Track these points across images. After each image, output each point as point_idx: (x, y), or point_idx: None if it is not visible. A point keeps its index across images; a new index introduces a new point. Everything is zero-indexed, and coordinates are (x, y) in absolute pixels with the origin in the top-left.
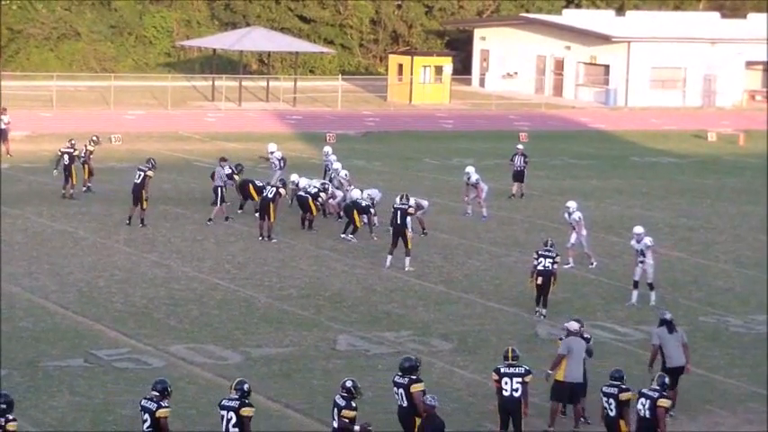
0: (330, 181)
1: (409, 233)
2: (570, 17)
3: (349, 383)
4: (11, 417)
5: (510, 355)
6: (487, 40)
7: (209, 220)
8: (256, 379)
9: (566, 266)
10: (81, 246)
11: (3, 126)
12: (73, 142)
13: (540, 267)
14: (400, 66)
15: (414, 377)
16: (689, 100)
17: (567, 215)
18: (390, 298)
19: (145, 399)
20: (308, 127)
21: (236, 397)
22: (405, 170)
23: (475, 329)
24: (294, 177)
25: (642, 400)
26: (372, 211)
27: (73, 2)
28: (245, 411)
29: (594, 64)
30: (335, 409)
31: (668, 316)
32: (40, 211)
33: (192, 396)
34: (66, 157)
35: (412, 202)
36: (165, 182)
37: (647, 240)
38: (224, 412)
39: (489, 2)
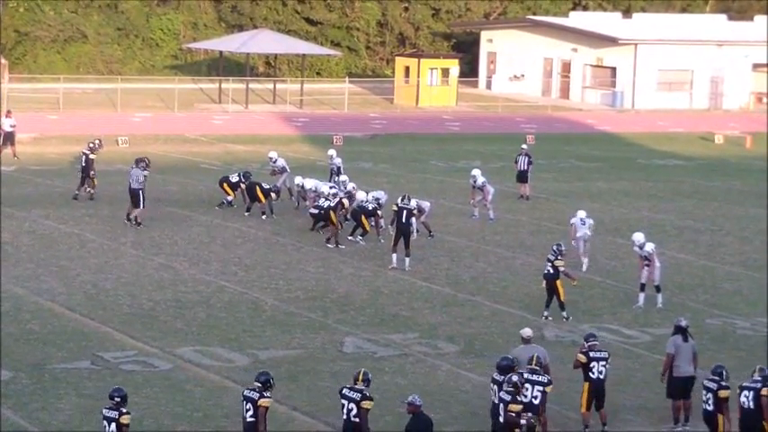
0: (336, 184)
1: (413, 234)
2: (577, 19)
3: (515, 378)
4: (124, 410)
5: (534, 362)
6: (494, 42)
7: (129, 218)
8: None
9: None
10: (88, 248)
11: (9, 129)
12: (96, 143)
13: (544, 271)
14: (407, 68)
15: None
16: (696, 102)
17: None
18: (397, 300)
19: (248, 389)
20: (315, 129)
21: (360, 388)
22: (411, 172)
23: (482, 332)
24: (299, 180)
25: (745, 392)
26: (379, 213)
27: (80, 4)
28: (366, 404)
29: (601, 66)
30: (502, 405)
31: (684, 323)
32: (47, 214)
33: (199, 398)
34: (83, 158)
35: (413, 203)
36: (172, 184)
37: (649, 247)
38: (344, 402)
39: (496, 4)
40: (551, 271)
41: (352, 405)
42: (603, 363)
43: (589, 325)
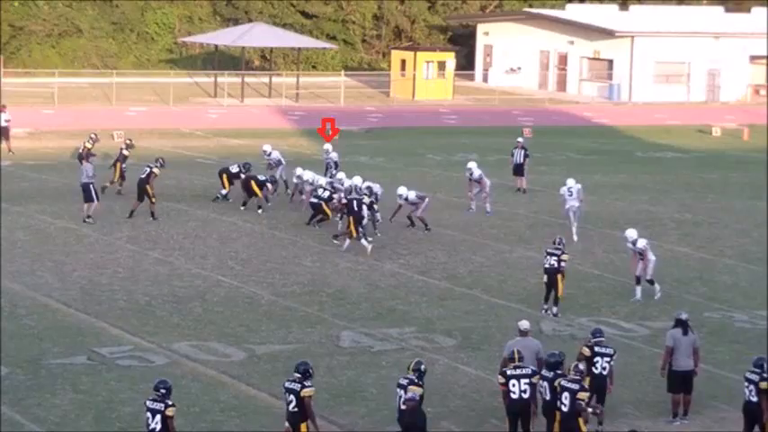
0: (332, 177)
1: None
2: (574, 12)
3: (581, 366)
4: (170, 402)
5: (516, 356)
6: (491, 35)
7: (89, 217)
8: (260, 376)
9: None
10: (83, 243)
11: (4, 123)
12: (129, 141)
13: (546, 265)
14: (403, 61)
15: (559, 372)
16: (693, 95)
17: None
18: (394, 294)
19: (288, 381)
20: (311, 123)
21: (412, 377)
22: (408, 166)
23: (479, 326)
24: (299, 171)
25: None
26: (375, 207)
27: None
28: (414, 389)
29: (598, 59)
30: (568, 394)
31: (684, 316)
32: (43, 209)
33: (196, 393)
34: (120, 153)
35: (412, 195)
36: (168, 178)
37: (642, 243)
38: (398, 389)
39: None
40: (555, 264)
41: (402, 392)
42: (608, 359)
43: (587, 318)
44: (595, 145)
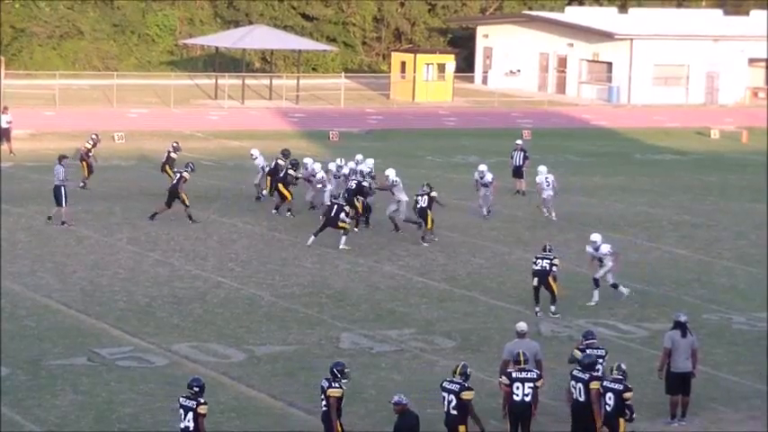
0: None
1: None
2: (573, 14)
3: (624, 365)
4: (202, 400)
5: (522, 359)
6: (490, 37)
7: (63, 223)
8: (259, 377)
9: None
10: (84, 244)
11: (5, 125)
12: (176, 144)
13: (537, 268)
14: (403, 63)
15: (594, 374)
16: (692, 97)
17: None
18: (393, 296)
19: (325, 379)
20: (311, 125)
21: (459, 381)
22: (407, 168)
23: (478, 327)
24: (308, 161)
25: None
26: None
27: (76, 0)
28: (465, 395)
29: (597, 61)
30: (613, 395)
31: (683, 318)
32: (43, 210)
33: None
34: (166, 156)
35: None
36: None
37: (605, 249)
38: (445, 394)
39: None
40: (547, 267)
41: (452, 396)
42: (601, 360)
43: (585, 320)
44: (594, 147)
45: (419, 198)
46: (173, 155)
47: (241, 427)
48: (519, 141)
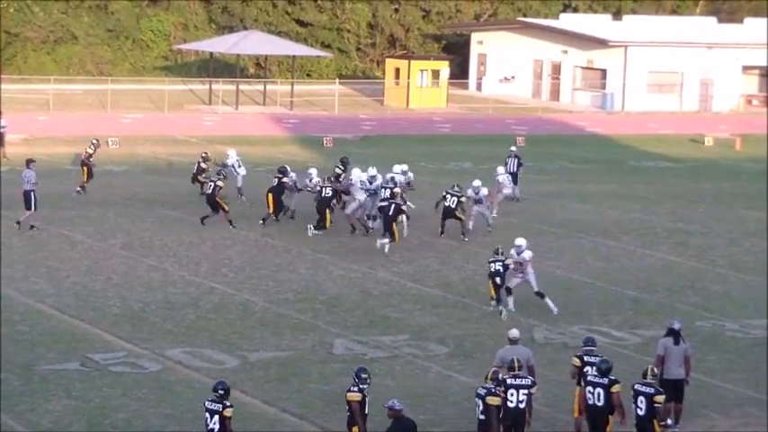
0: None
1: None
2: (567, 21)
3: (656, 369)
4: (228, 403)
5: (516, 365)
6: (485, 44)
7: (32, 227)
8: (253, 383)
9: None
10: (77, 249)
11: (0, 130)
12: (205, 155)
13: (492, 270)
14: (397, 70)
15: (613, 378)
16: (686, 104)
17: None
18: (387, 302)
19: (354, 384)
20: (305, 130)
21: (489, 386)
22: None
23: (471, 333)
24: (313, 171)
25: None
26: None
27: (70, 5)
28: (490, 400)
29: (591, 68)
30: (644, 398)
31: (677, 326)
32: (37, 215)
33: (189, 400)
34: (197, 165)
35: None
36: (162, 185)
37: (527, 255)
38: (477, 400)
39: (487, 6)
40: (501, 269)
41: (479, 401)
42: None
43: (579, 327)
44: (588, 154)
45: (447, 197)
46: (203, 165)
47: None
48: (513, 148)
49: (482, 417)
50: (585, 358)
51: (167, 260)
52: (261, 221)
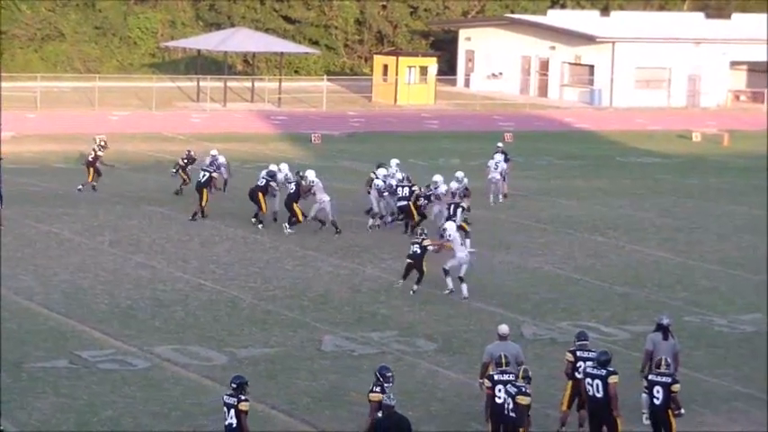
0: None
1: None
2: (555, 17)
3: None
4: (243, 397)
5: (504, 361)
6: (472, 40)
7: None
8: None
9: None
10: (66, 247)
11: None
12: (190, 153)
13: (410, 252)
14: (385, 66)
15: (611, 369)
16: (674, 100)
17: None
18: (375, 298)
19: (375, 387)
20: (293, 128)
21: (520, 384)
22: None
23: (459, 330)
24: (310, 174)
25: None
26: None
27: (57, 3)
28: (520, 399)
29: (579, 64)
30: (661, 388)
31: (665, 321)
32: (25, 213)
33: (178, 397)
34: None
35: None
36: (150, 182)
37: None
38: (504, 396)
39: (474, 2)
40: (418, 251)
41: (509, 399)
42: (590, 363)
43: (567, 323)
44: (576, 150)
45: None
46: (182, 161)
47: (223, 429)
48: (500, 144)
49: (512, 415)
50: (579, 353)
51: (155, 257)
52: (258, 222)
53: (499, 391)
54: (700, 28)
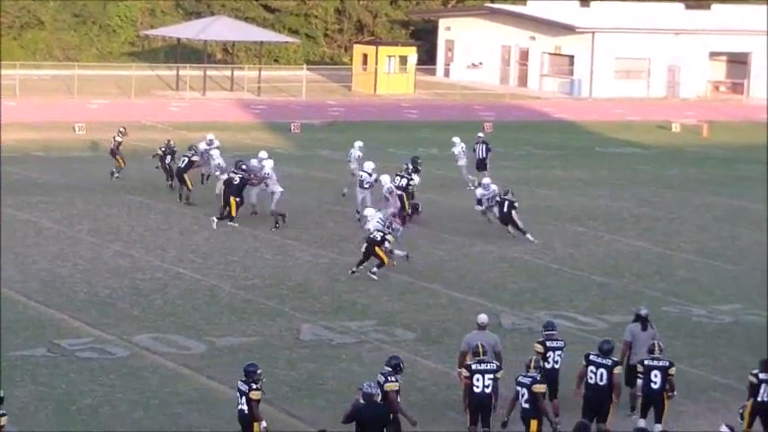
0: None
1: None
2: (535, 7)
3: (662, 344)
4: (254, 386)
5: (481, 350)
6: (452, 30)
7: None
8: (220, 369)
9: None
10: (44, 235)
11: None
12: (170, 143)
13: (369, 237)
14: (365, 56)
15: (615, 359)
16: (653, 90)
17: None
18: (354, 288)
19: (381, 374)
20: (273, 116)
21: (532, 375)
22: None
23: (438, 319)
24: (268, 164)
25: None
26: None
27: None
28: (537, 388)
29: (559, 54)
30: (659, 372)
31: (644, 312)
32: (3, 201)
33: (156, 385)
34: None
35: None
36: (129, 171)
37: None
38: (519, 388)
39: None
40: (378, 238)
41: (524, 390)
42: (559, 352)
43: (545, 312)
44: (555, 140)
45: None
46: (160, 151)
47: (200, 418)
48: (480, 134)
49: (526, 405)
50: (548, 343)
51: (134, 246)
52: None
53: (477, 380)
54: (679, 18)
